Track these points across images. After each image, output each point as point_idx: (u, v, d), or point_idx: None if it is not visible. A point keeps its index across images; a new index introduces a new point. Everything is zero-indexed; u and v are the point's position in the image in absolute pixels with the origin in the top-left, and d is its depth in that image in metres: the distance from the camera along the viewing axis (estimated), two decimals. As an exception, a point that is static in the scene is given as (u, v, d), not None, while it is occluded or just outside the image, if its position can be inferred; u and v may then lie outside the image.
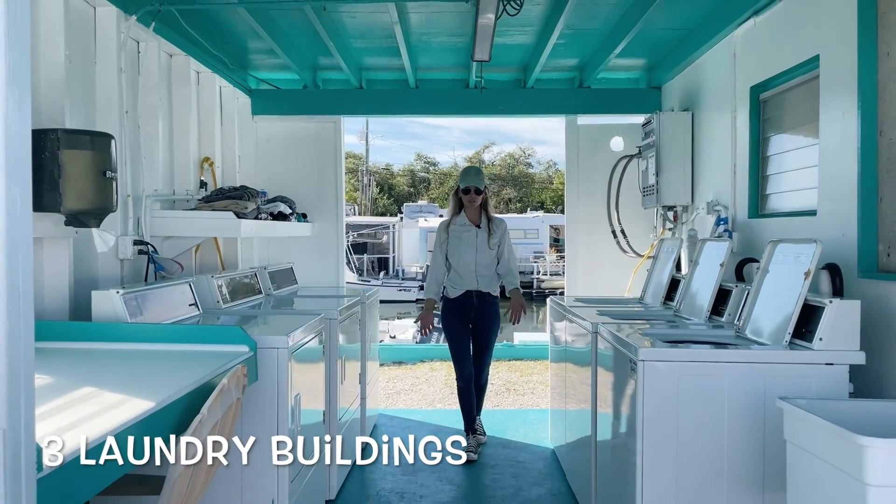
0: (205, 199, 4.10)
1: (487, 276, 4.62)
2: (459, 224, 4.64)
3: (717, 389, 2.54)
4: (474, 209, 4.64)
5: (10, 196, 1.17)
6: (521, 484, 4.06)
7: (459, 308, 4.63)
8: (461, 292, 4.61)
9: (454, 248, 4.63)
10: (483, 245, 4.59)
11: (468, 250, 4.59)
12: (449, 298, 4.69)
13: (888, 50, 2.69)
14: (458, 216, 4.66)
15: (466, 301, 4.60)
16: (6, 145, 1.16)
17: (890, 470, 1.70)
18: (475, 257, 4.58)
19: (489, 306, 4.65)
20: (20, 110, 1.19)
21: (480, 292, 4.60)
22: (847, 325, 2.50)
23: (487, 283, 4.62)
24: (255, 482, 2.76)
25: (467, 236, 4.61)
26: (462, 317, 4.64)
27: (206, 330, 2.69)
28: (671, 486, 2.56)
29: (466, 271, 4.59)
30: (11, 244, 1.16)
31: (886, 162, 2.71)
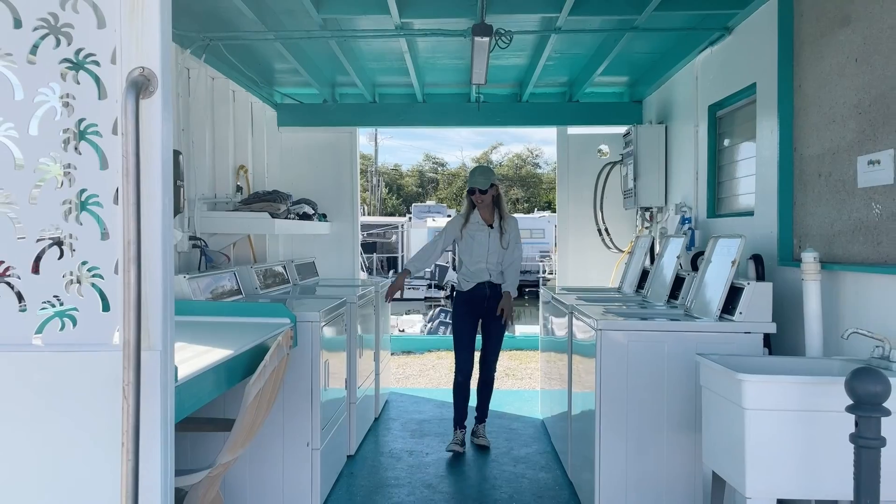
0: (243, 202, 4.80)
1: (499, 272, 4.69)
2: (473, 222, 4.67)
3: (658, 353, 3.21)
4: (486, 208, 4.67)
5: (164, 203, 1.85)
6: (513, 445, 4.74)
7: (472, 300, 4.67)
8: (474, 284, 4.66)
9: (467, 247, 4.68)
10: (495, 245, 4.63)
11: (480, 250, 4.64)
12: (462, 291, 4.75)
13: (800, 83, 3.35)
14: (472, 215, 4.69)
15: (479, 293, 4.64)
16: (163, 170, 1.84)
17: (758, 397, 2.37)
18: (486, 257, 4.63)
19: (500, 298, 4.66)
20: (168, 140, 1.87)
21: (493, 283, 4.66)
22: (761, 302, 3.17)
23: (499, 276, 4.70)
24: (294, 428, 3.46)
25: (480, 236, 4.64)
26: (473, 309, 4.68)
27: (257, 306, 3.38)
28: (622, 428, 3.23)
29: (478, 269, 4.65)
30: (166, 232, 1.85)
31: (800, 174, 3.37)
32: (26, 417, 1.82)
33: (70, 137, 1.85)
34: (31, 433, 1.82)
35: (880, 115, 2.68)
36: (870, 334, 2.56)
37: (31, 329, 1.85)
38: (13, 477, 1.82)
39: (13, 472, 1.82)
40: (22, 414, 1.82)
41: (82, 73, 1.84)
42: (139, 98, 1.76)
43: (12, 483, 1.82)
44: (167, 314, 1.88)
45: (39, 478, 1.83)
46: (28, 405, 1.82)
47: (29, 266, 1.85)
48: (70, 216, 1.85)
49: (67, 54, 1.84)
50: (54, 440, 1.82)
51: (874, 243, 2.73)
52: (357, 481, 4.00)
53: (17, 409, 1.82)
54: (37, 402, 1.82)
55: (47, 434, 1.82)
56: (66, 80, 1.85)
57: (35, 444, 1.82)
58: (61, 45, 1.84)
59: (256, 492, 3.44)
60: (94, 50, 1.84)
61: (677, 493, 3.20)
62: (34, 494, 1.83)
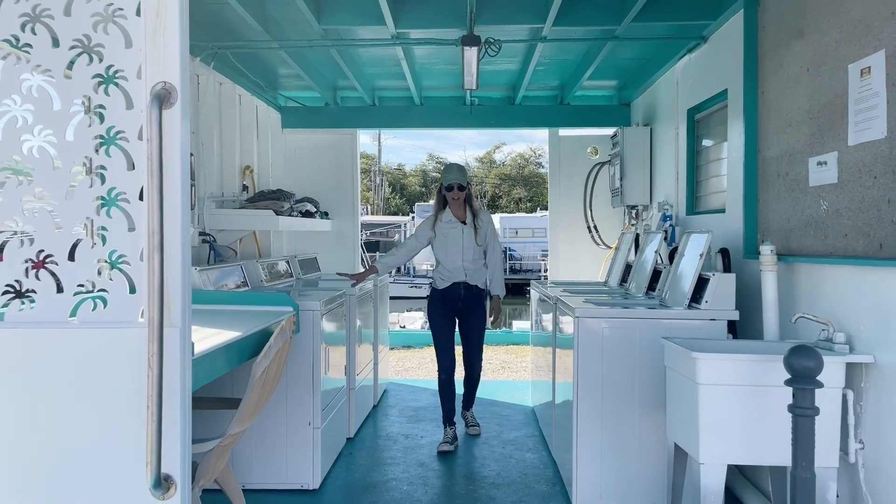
0: (249, 200, 5.10)
1: (475, 269, 4.64)
2: (445, 221, 4.63)
3: (631, 338, 3.49)
4: (458, 205, 4.64)
5: (183, 199, 2.13)
6: (503, 429, 5.02)
7: (446, 299, 4.64)
8: (449, 284, 4.62)
9: (441, 245, 4.64)
10: (470, 241, 4.59)
11: (455, 247, 4.60)
12: (437, 290, 4.71)
13: (763, 89, 3.63)
14: (444, 213, 4.65)
15: (454, 293, 4.61)
16: (182, 171, 2.12)
17: (710, 373, 2.64)
18: (462, 254, 4.59)
19: (476, 298, 4.65)
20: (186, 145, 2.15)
21: (468, 284, 4.61)
22: (725, 291, 3.45)
23: (475, 276, 4.64)
24: (297, 408, 3.74)
25: (454, 233, 4.60)
26: (448, 309, 4.65)
27: (262, 295, 3.67)
28: (598, 407, 3.51)
29: (454, 266, 4.61)
30: (184, 224, 2.13)
31: (763, 174, 3.64)
32: (64, 386, 2.10)
33: (101, 143, 2.14)
34: (68, 399, 2.10)
35: (827, 120, 2.96)
36: (815, 318, 2.84)
37: (67, 309, 2.13)
38: (52, 437, 2.10)
39: (52, 433, 2.10)
40: (60, 382, 2.10)
41: (112, 87, 2.12)
42: (162, 109, 2.04)
43: (51, 442, 2.11)
44: (185, 295, 2.16)
45: (74, 439, 2.10)
46: (66, 375, 2.10)
47: (66, 254, 2.13)
48: (101, 211, 2.12)
49: (99, 70, 2.11)
50: (88, 405, 2.10)
51: (822, 237, 3.00)
52: (355, 460, 4.29)
53: (57, 378, 2.10)
54: (73, 373, 2.10)
55: (82, 400, 2.10)
56: (97, 92, 2.13)
57: (71, 409, 2.10)
58: (93, 62, 2.11)
59: (262, 466, 3.73)
60: (122, 66, 2.11)
61: (647, 466, 3.48)
62: (70, 452, 2.11)
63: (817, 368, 2.37)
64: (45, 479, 2.10)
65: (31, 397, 2.10)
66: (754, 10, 3.69)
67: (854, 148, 2.75)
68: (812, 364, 2.36)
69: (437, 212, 4.70)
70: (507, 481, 3.96)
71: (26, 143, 2.14)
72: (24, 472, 2.11)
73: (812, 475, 2.40)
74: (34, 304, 2.14)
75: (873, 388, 2.65)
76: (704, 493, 2.67)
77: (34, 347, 2.12)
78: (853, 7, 2.77)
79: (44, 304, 2.12)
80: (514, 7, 4.35)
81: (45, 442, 2.10)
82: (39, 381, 2.11)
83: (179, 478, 2.12)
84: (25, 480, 2.10)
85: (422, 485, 3.90)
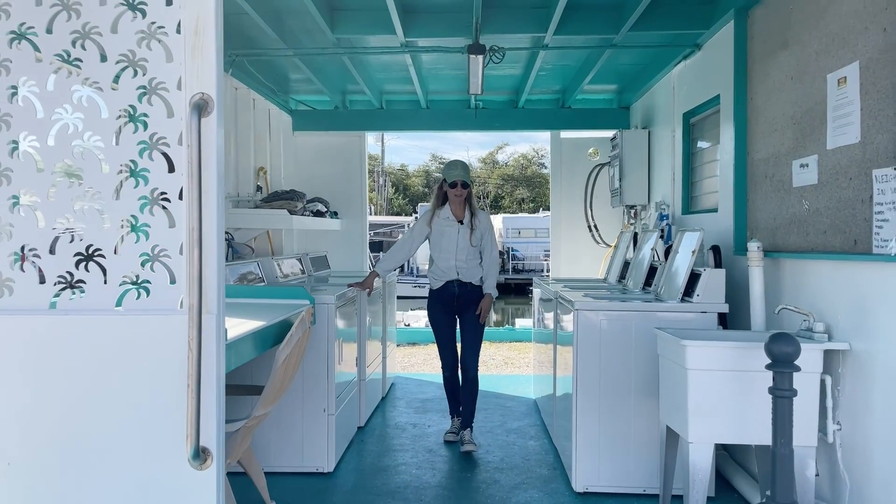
0: (264, 200, 5.33)
1: (468, 269, 4.55)
2: (443, 218, 4.55)
3: (627, 329, 3.71)
4: (459, 203, 4.55)
5: (218, 198, 2.36)
6: (506, 419, 5.25)
7: (442, 298, 4.60)
8: (442, 283, 4.59)
9: (435, 242, 4.58)
10: (464, 242, 4.51)
11: (448, 246, 4.53)
12: (432, 290, 4.68)
13: (752, 96, 3.85)
14: (442, 209, 4.57)
15: (448, 291, 4.57)
16: (217, 173, 2.35)
17: (699, 359, 2.86)
18: (455, 253, 4.52)
19: (471, 295, 4.57)
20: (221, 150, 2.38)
21: (462, 282, 4.55)
22: (716, 285, 3.67)
23: (469, 274, 4.56)
24: (313, 396, 3.97)
25: (449, 231, 4.53)
26: (445, 307, 4.61)
27: (281, 289, 3.90)
28: (596, 394, 3.73)
29: (447, 266, 4.55)
30: (219, 221, 2.36)
31: (751, 175, 3.86)
32: (111, 367, 2.32)
33: (144, 148, 2.37)
34: (115, 380, 2.32)
35: (808, 125, 3.18)
36: (796, 309, 3.06)
37: (113, 298, 2.36)
38: (100, 414, 2.32)
39: (101, 410, 2.32)
40: (107, 365, 2.32)
41: (154, 97, 2.35)
42: (200, 117, 2.27)
43: (100, 418, 2.33)
44: (220, 285, 2.39)
45: (121, 415, 2.32)
46: (112, 358, 2.32)
47: (112, 249, 2.36)
48: (145, 209, 2.35)
49: (143, 82, 2.34)
50: (132, 385, 2.31)
51: (804, 234, 3.22)
52: (367, 446, 4.52)
53: (104, 361, 2.32)
54: (119, 356, 2.32)
55: (127, 380, 2.32)
56: (141, 102, 2.35)
57: (118, 388, 2.32)
58: (138, 75, 2.34)
59: (280, 450, 3.97)
60: (163, 79, 2.34)
61: (641, 449, 3.70)
62: (117, 428, 2.33)
63: (795, 354, 2.59)
64: (95, 452, 2.32)
65: (82, 378, 2.32)
66: (744, 21, 3.91)
67: (832, 151, 2.97)
68: (790, 350, 2.58)
69: (434, 208, 4.62)
70: (510, 466, 4.19)
71: (77, 148, 2.37)
72: (75, 445, 2.33)
73: (790, 452, 2.62)
74: (84, 293, 2.36)
75: (850, 374, 2.87)
76: (693, 470, 2.89)
77: (83, 333, 2.34)
78: (831, 21, 2.99)
79: (92, 294, 2.35)
80: (518, 17, 4.58)
81: (95, 418, 2.32)
82: (88, 364, 2.33)
83: (215, 450, 2.34)
84: (76, 453, 2.33)
85: (430, 468, 4.12)
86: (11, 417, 2.34)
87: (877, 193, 2.62)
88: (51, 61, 2.38)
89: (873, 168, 2.66)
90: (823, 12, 3.06)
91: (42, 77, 2.37)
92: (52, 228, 2.36)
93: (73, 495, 2.32)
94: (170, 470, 2.32)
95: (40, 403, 2.33)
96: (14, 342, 2.35)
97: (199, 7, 2.33)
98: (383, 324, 5.82)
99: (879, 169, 2.61)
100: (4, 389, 2.33)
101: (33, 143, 2.38)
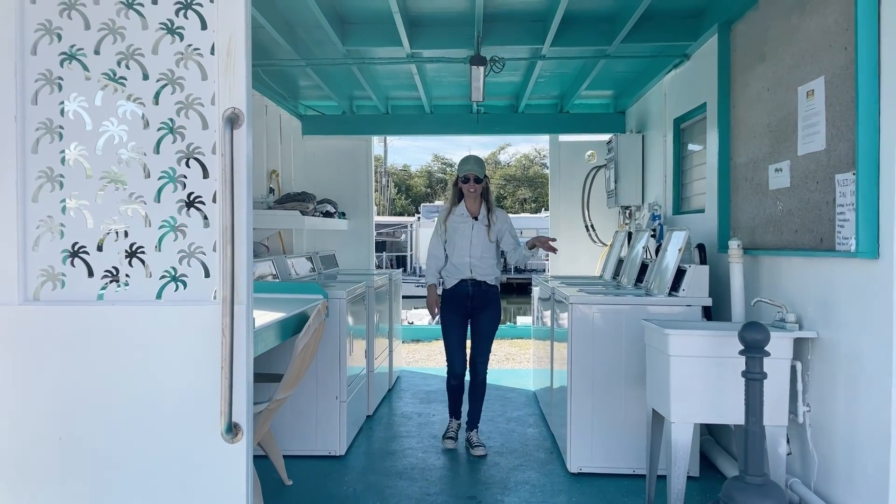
0: (277, 201, 5.62)
1: (483, 267, 4.48)
2: (458, 214, 4.51)
3: (618, 321, 4.00)
4: (474, 199, 4.51)
5: (247, 201, 2.65)
6: (507, 409, 5.54)
7: (455, 297, 4.51)
8: (456, 281, 4.51)
9: (450, 239, 4.52)
10: (479, 238, 4.45)
11: (463, 242, 4.47)
12: (445, 289, 4.60)
13: (734, 104, 4.13)
14: (458, 206, 4.53)
15: (462, 290, 4.50)
16: (247, 179, 2.64)
17: (680, 346, 3.15)
18: (469, 250, 4.46)
19: (486, 295, 4.51)
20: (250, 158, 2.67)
21: (476, 281, 4.47)
22: (700, 281, 3.95)
23: (483, 273, 4.49)
24: (326, 384, 4.27)
25: (463, 228, 4.48)
26: (458, 307, 4.51)
27: (297, 285, 4.20)
28: (589, 382, 4.02)
29: (461, 262, 4.49)
30: (248, 221, 2.65)
31: (734, 178, 4.15)
32: (152, 352, 2.60)
33: (182, 156, 2.66)
34: (156, 363, 2.59)
35: (782, 133, 3.46)
36: (770, 302, 3.35)
37: (154, 290, 2.65)
38: (142, 394, 2.61)
39: (143, 391, 2.60)
40: (149, 350, 2.60)
41: (191, 111, 2.63)
42: (233, 129, 2.56)
43: (142, 398, 2.61)
44: (249, 279, 2.68)
45: (162, 395, 2.60)
46: (153, 343, 2.61)
47: (153, 246, 2.65)
48: (183, 211, 2.64)
49: (180, 98, 2.62)
50: (172, 367, 2.60)
51: (779, 233, 3.51)
52: (375, 433, 4.82)
53: (146, 346, 2.60)
54: (159, 341, 2.61)
55: (167, 363, 2.59)
56: (179, 116, 2.64)
57: (158, 370, 2.60)
58: (176, 91, 2.62)
59: (296, 435, 4.26)
60: (199, 95, 2.63)
61: (630, 432, 3.99)
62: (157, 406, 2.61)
63: (765, 341, 2.87)
64: (138, 428, 2.60)
65: (126, 361, 2.60)
66: (727, 35, 4.20)
67: (802, 157, 3.26)
68: (760, 337, 2.87)
69: (451, 205, 4.58)
70: (509, 450, 4.48)
71: (122, 157, 2.66)
72: (120, 422, 2.61)
73: (762, 430, 2.90)
74: (128, 286, 2.65)
75: (818, 360, 3.16)
76: (675, 447, 3.17)
77: (127, 321, 2.62)
78: (802, 38, 3.28)
79: (135, 287, 2.64)
80: (516, 30, 4.87)
81: (138, 397, 2.60)
82: (132, 348, 2.61)
83: (245, 425, 2.63)
84: (121, 428, 2.61)
85: (435, 452, 4.42)
86: (63, 397, 2.62)
87: (839, 196, 2.91)
88: (98, 79, 2.66)
89: (836, 173, 2.94)
90: (795, 30, 3.35)
91: (90, 94, 2.66)
92: (99, 228, 2.64)
93: (119, 466, 2.60)
94: (205, 443, 2.60)
95: (89, 384, 2.61)
96: (66, 329, 2.63)
97: (230, 31, 2.63)
98: (390, 321, 6.11)
99: (841, 174, 2.90)
100: (57, 371, 2.61)
101: (82, 152, 2.66)
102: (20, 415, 2.62)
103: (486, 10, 4.56)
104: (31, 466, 2.62)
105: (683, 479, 3.18)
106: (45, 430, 2.61)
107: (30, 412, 2.62)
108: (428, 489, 3.80)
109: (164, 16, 2.61)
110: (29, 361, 2.61)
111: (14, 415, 2.62)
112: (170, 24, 2.62)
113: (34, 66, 2.64)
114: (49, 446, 2.61)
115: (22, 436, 2.62)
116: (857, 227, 2.72)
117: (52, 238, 2.64)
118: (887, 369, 2.60)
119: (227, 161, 2.51)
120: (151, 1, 2.61)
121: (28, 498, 2.61)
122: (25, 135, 2.64)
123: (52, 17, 2.63)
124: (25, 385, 2.61)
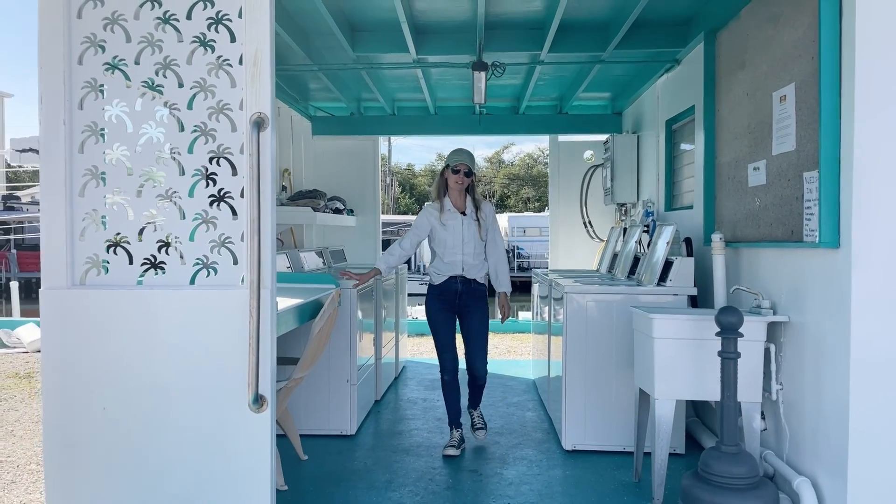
0: (290, 198, 5.94)
1: (474, 264, 4.36)
2: (446, 210, 4.34)
3: (610, 310, 4.30)
4: (459, 192, 4.34)
5: (272, 197, 2.95)
6: (507, 395, 5.84)
7: (443, 295, 4.37)
8: (445, 278, 4.35)
9: (439, 237, 4.35)
10: (471, 234, 4.32)
11: (454, 240, 4.32)
12: (433, 285, 4.42)
13: (719, 107, 4.43)
14: (445, 201, 4.37)
15: (451, 287, 4.35)
16: (271, 177, 2.94)
17: (663, 329, 3.45)
18: (461, 247, 4.33)
19: (475, 293, 4.39)
20: (275, 158, 2.97)
21: (465, 278, 4.34)
22: (686, 272, 4.25)
23: (474, 270, 4.37)
24: (337, 368, 4.58)
25: (453, 224, 4.33)
26: (446, 305, 4.39)
27: (311, 276, 4.51)
28: (582, 366, 4.32)
29: (453, 260, 4.33)
30: (272, 215, 2.95)
31: (718, 176, 4.44)
32: (187, 332, 2.90)
33: (213, 156, 2.96)
34: (190, 341, 2.90)
35: (760, 135, 3.76)
36: (747, 290, 3.65)
37: (188, 276, 2.95)
38: (177, 369, 2.91)
39: (178, 367, 2.91)
40: (184, 330, 2.90)
41: (221, 116, 2.94)
42: (259, 132, 2.87)
43: (177, 372, 2.92)
44: (272, 266, 2.99)
45: (194, 370, 2.90)
46: (187, 324, 2.91)
47: (188, 236, 2.96)
48: (213, 205, 2.95)
49: (212, 104, 2.93)
50: (204, 345, 2.90)
51: (756, 226, 3.81)
52: (383, 416, 5.13)
53: (181, 326, 2.91)
54: (193, 322, 2.91)
55: (199, 342, 2.90)
56: (210, 120, 2.95)
57: (192, 348, 2.90)
58: (208, 98, 2.93)
59: (309, 416, 4.57)
60: (228, 101, 2.93)
61: (620, 411, 4.28)
62: (191, 380, 2.91)
63: (738, 323, 3.17)
64: (173, 400, 2.90)
65: (162, 340, 2.91)
66: (712, 42, 4.49)
67: (776, 157, 3.55)
68: (734, 320, 3.16)
69: (435, 199, 4.42)
70: (509, 431, 4.78)
71: (159, 156, 2.97)
72: (157, 394, 2.91)
73: (737, 405, 3.20)
74: (164, 273, 2.96)
75: (789, 343, 3.45)
76: (658, 421, 3.47)
77: (164, 304, 2.92)
78: (777, 47, 3.57)
79: (171, 273, 2.95)
80: (516, 37, 5.17)
81: (173, 372, 2.91)
82: (168, 328, 2.91)
83: (270, 397, 2.93)
84: (158, 400, 2.91)
85: (439, 433, 4.72)
86: (106, 371, 2.92)
87: (806, 192, 3.20)
88: (138, 87, 2.97)
89: (804, 171, 3.24)
90: (771, 39, 3.64)
91: (131, 100, 2.97)
92: (139, 220, 2.96)
93: (155, 435, 2.90)
94: (234, 413, 2.91)
95: (129, 360, 2.91)
96: (109, 311, 2.93)
97: (257, 43, 2.93)
98: (396, 314, 6.42)
99: (808, 172, 3.19)
100: (101, 349, 2.92)
101: (124, 152, 2.97)
102: (68, 387, 2.93)
103: (488, 19, 4.86)
104: (77, 434, 2.94)
105: (667, 451, 3.48)
106: (89, 401, 2.92)
107: (76, 385, 2.93)
108: (432, 464, 4.11)
109: (198, 30, 2.93)
110: (76, 339, 2.92)
111: (62, 387, 2.93)
112: (202, 38, 2.93)
113: (80, 74, 2.96)
114: (93, 416, 2.92)
115: (69, 406, 2.93)
116: (821, 219, 3.01)
117: (97, 229, 2.95)
118: (845, 349, 2.89)
119: (255, 160, 2.81)
120: (186, 16, 2.93)
121: (75, 462, 2.93)
122: (73, 137, 2.96)
123: (97, 30, 2.94)
124: (73, 361, 2.93)
